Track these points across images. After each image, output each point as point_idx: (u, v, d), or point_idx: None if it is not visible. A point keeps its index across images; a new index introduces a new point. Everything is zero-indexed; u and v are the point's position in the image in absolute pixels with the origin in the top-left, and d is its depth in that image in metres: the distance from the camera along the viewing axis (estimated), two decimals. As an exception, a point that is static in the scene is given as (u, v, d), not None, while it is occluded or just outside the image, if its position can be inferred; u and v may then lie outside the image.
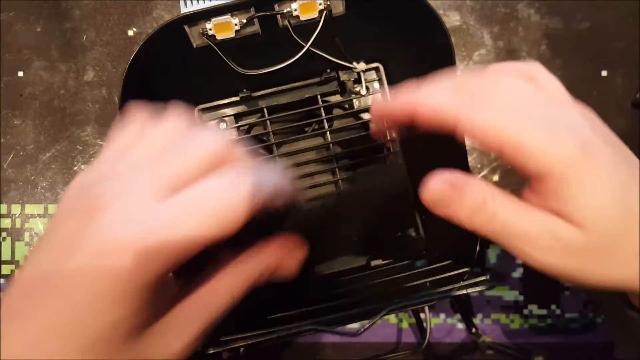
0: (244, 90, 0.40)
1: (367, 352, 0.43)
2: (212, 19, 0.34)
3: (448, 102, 0.22)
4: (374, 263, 0.40)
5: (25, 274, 0.20)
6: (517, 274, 0.43)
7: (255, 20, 0.35)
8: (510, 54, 0.44)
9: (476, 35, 0.45)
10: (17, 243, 0.45)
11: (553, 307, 0.43)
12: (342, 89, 0.41)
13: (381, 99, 0.24)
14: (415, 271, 0.38)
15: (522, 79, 0.24)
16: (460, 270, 0.34)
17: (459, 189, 0.22)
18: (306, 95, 0.41)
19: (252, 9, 0.34)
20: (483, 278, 0.31)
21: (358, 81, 0.41)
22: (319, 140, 0.41)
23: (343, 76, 0.40)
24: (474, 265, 0.35)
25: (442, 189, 0.22)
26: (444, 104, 0.22)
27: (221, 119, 0.42)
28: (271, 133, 0.41)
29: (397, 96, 0.24)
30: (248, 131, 0.42)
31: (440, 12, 0.45)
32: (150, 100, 0.37)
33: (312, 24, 0.35)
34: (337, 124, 0.42)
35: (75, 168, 0.45)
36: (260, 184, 0.21)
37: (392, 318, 0.43)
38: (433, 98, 0.23)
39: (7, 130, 0.45)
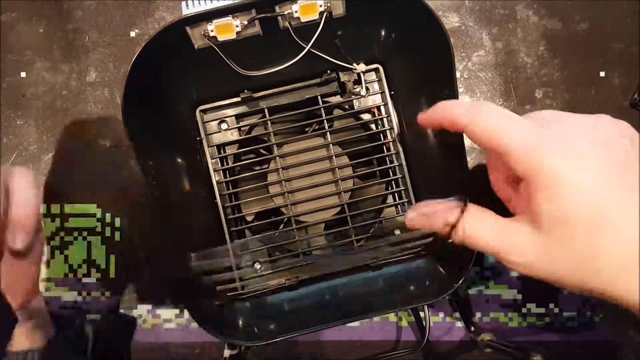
0: (245, 91, 0.41)
1: (367, 350, 0.43)
2: (214, 21, 0.34)
3: (460, 112, 0.27)
4: (374, 262, 0.40)
5: None
6: (516, 272, 0.43)
7: (256, 22, 0.35)
8: (509, 54, 0.45)
9: (475, 37, 0.45)
10: (19, 242, 0.45)
11: (551, 305, 0.43)
12: (342, 89, 0.42)
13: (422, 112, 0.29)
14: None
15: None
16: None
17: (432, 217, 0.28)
18: (307, 96, 0.41)
19: (253, 11, 0.34)
20: None
21: (358, 82, 0.41)
22: (319, 141, 0.42)
23: (343, 77, 0.40)
24: (474, 265, 0.36)
25: (419, 221, 0.29)
26: (457, 113, 0.27)
27: (222, 119, 0.42)
28: (272, 133, 0.41)
29: (431, 110, 0.29)
30: (249, 131, 0.43)
31: (440, 13, 0.45)
32: (151, 101, 0.37)
33: (312, 25, 0.36)
34: (337, 124, 0.42)
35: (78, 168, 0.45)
36: None
37: (391, 317, 0.44)
38: (451, 109, 0.28)
39: (9, 130, 0.45)
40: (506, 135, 0.24)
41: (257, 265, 0.42)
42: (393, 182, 0.42)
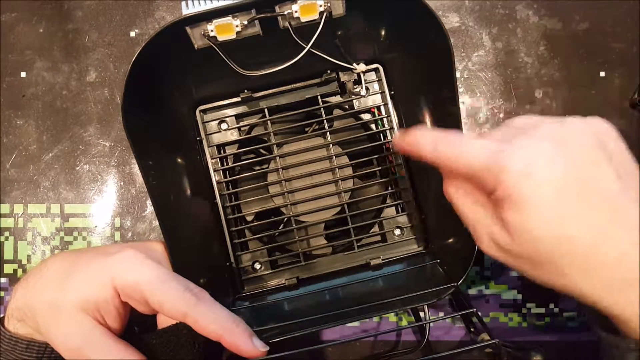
0: (245, 91, 0.41)
1: (367, 350, 0.43)
2: (214, 21, 0.34)
3: (424, 143, 0.28)
4: (373, 262, 0.40)
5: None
6: (516, 272, 0.43)
7: (256, 22, 0.35)
8: (508, 54, 0.45)
9: (475, 37, 0.45)
10: (19, 242, 0.45)
11: (551, 305, 0.43)
12: (342, 89, 0.42)
13: (398, 135, 0.31)
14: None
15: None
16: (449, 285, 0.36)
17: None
18: (307, 96, 0.42)
19: (253, 11, 0.34)
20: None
21: (358, 82, 0.41)
22: (319, 141, 0.42)
23: (343, 77, 0.40)
24: (474, 264, 0.36)
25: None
26: (422, 144, 0.29)
27: (222, 119, 0.42)
28: (272, 133, 0.41)
29: (400, 139, 0.31)
30: (249, 131, 0.43)
31: (440, 13, 0.45)
32: (151, 101, 0.37)
33: (312, 25, 0.36)
34: (337, 124, 0.42)
35: (78, 168, 0.45)
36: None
37: (391, 316, 0.44)
38: (416, 140, 0.29)
39: (9, 130, 0.45)
40: (468, 159, 0.26)
41: (257, 265, 0.42)
42: (393, 182, 0.42)
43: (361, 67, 0.40)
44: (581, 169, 0.24)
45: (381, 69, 0.42)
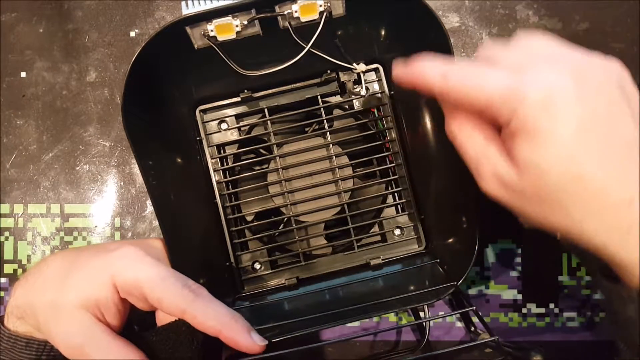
0: (245, 90, 0.41)
1: (367, 350, 0.43)
2: (214, 20, 0.34)
3: (432, 69, 0.26)
4: (373, 262, 0.40)
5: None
6: (516, 272, 0.43)
7: (256, 22, 0.35)
8: (509, 54, 0.45)
9: (475, 37, 0.45)
10: (19, 242, 0.45)
11: (551, 305, 0.43)
12: (342, 89, 0.42)
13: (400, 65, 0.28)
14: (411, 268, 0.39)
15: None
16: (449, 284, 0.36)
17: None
18: (307, 96, 0.42)
19: (253, 11, 0.34)
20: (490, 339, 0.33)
21: (358, 82, 0.41)
22: (319, 141, 0.42)
23: (343, 77, 0.40)
24: (474, 264, 0.36)
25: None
26: (429, 71, 0.26)
27: (222, 119, 0.42)
28: (272, 133, 0.41)
29: (406, 68, 0.28)
30: (249, 131, 0.43)
31: (440, 13, 0.45)
32: (151, 101, 0.37)
33: (312, 25, 0.36)
34: (337, 124, 0.42)
35: (78, 168, 0.45)
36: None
37: (391, 316, 0.44)
38: (422, 67, 0.27)
39: (9, 130, 0.45)
40: (484, 90, 0.24)
41: (257, 265, 0.42)
42: (393, 182, 0.42)
43: (361, 67, 0.40)
44: (603, 108, 0.23)
45: (381, 69, 0.42)
